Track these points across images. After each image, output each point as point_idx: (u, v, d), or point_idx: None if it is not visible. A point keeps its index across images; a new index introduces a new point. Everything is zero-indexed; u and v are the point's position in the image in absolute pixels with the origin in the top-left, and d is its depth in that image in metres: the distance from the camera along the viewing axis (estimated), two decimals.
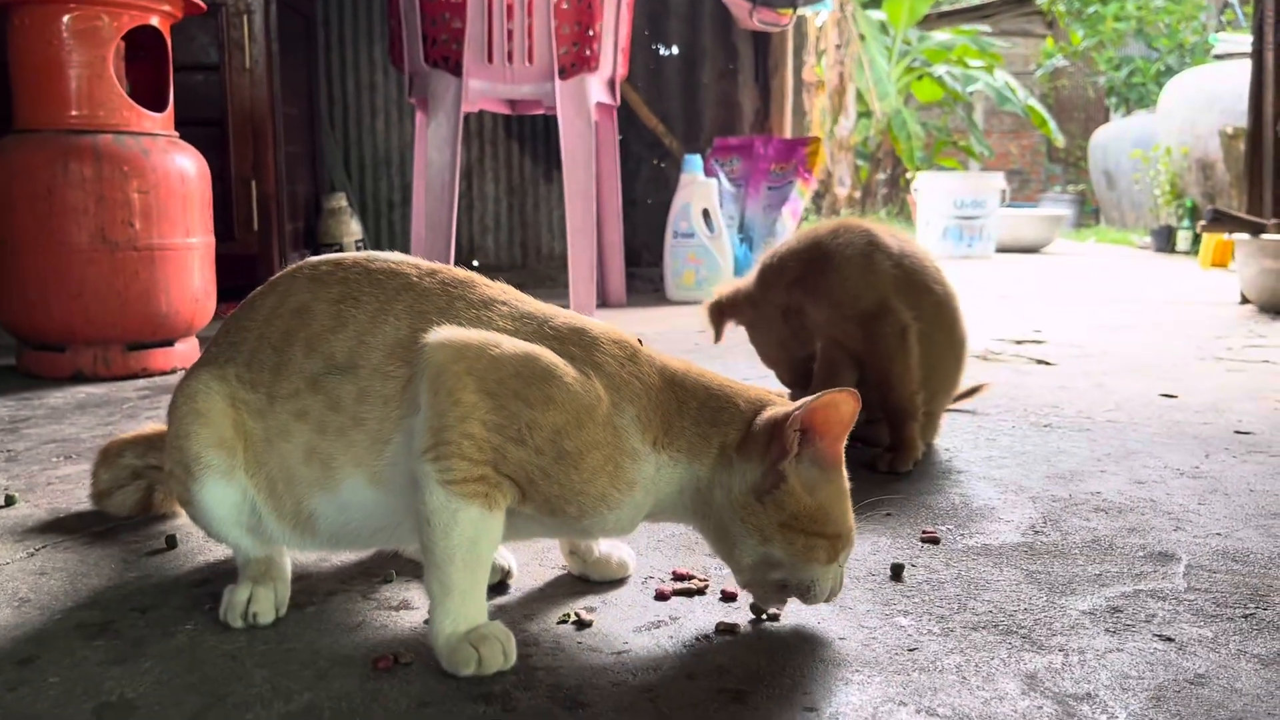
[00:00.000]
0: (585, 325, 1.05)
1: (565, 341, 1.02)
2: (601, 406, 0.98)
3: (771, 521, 1.00)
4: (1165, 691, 0.95)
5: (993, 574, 1.25)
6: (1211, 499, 1.54)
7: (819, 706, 0.92)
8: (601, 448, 0.97)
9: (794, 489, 0.99)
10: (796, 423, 0.98)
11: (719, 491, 1.01)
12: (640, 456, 0.99)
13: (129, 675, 0.96)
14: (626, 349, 1.04)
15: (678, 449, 1.02)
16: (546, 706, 0.91)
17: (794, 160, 4.42)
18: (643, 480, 1.00)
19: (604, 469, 0.98)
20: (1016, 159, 15.75)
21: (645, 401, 1.01)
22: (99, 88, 2.30)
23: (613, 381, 1.00)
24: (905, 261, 1.73)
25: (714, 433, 1.02)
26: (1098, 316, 3.89)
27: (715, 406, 1.03)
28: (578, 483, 0.97)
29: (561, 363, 0.99)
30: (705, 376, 1.06)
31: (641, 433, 1.00)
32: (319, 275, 1.10)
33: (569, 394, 0.97)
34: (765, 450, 1.00)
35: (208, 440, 1.06)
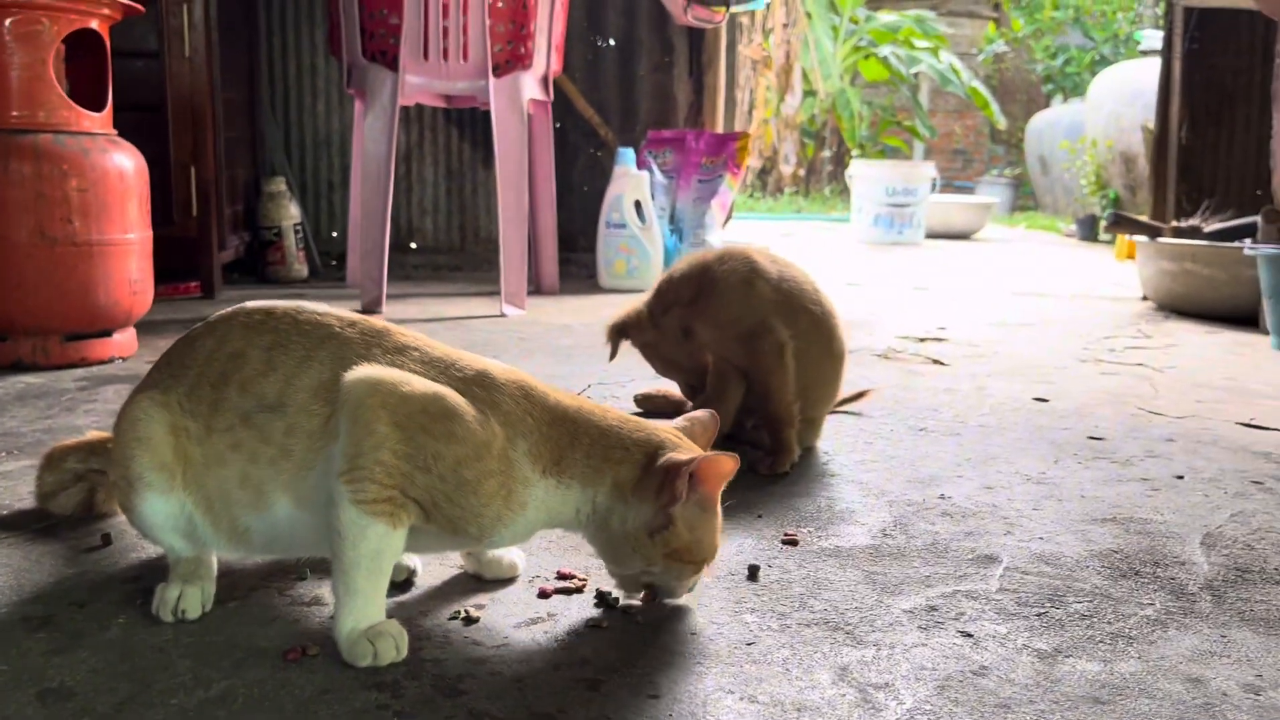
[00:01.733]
0: (487, 368, 1.21)
1: (469, 384, 1.18)
2: (497, 441, 1.15)
3: (657, 552, 1.20)
4: (951, 681, 1.14)
5: (837, 575, 1.43)
6: (1046, 504, 1.75)
7: (661, 694, 1.09)
8: (496, 476, 1.14)
9: (679, 530, 1.19)
10: (686, 476, 1.17)
11: (615, 520, 1.20)
12: (531, 482, 1.17)
13: (68, 664, 1.11)
14: (523, 390, 1.20)
15: (570, 476, 1.19)
16: (429, 694, 1.08)
17: (724, 154, 4.58)
18: (534, 502, 1.18)
19: (499, 494, 1.15)
20: (960, 139, 16.03)
21: (537, 436, 1.18)
22: (39, 89, 2.39)
23: (508, 419, 1.17)
24: (783, 285, 1.92)
25: (606, 467, 1.20)
26: (1002, 312, 4.11)
27: (606, 444, 1.20)
28: (476, 506, 1.14)
29: (464, 402, 1.15)
30: (595, 414, 1.23)
31: (532, 463, 1.17)
32: (253, 323, 1.24)
33: (469, 430, 1.13)
34: (657, 494, 1.18)
35: (149, 463, 1.21)
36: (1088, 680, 1.15)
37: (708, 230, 4.51)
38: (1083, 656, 1.21)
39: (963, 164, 15.92)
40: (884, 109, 14.17)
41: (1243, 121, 4.84)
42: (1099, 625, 1.29)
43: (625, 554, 1.20)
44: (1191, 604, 1.36)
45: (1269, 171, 3.77)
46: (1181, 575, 1.46)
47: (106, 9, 2.51)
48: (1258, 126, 4.69)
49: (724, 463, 1.18)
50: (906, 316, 3.91)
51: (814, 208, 12.46)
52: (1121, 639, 1.26)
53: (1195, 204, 4.71)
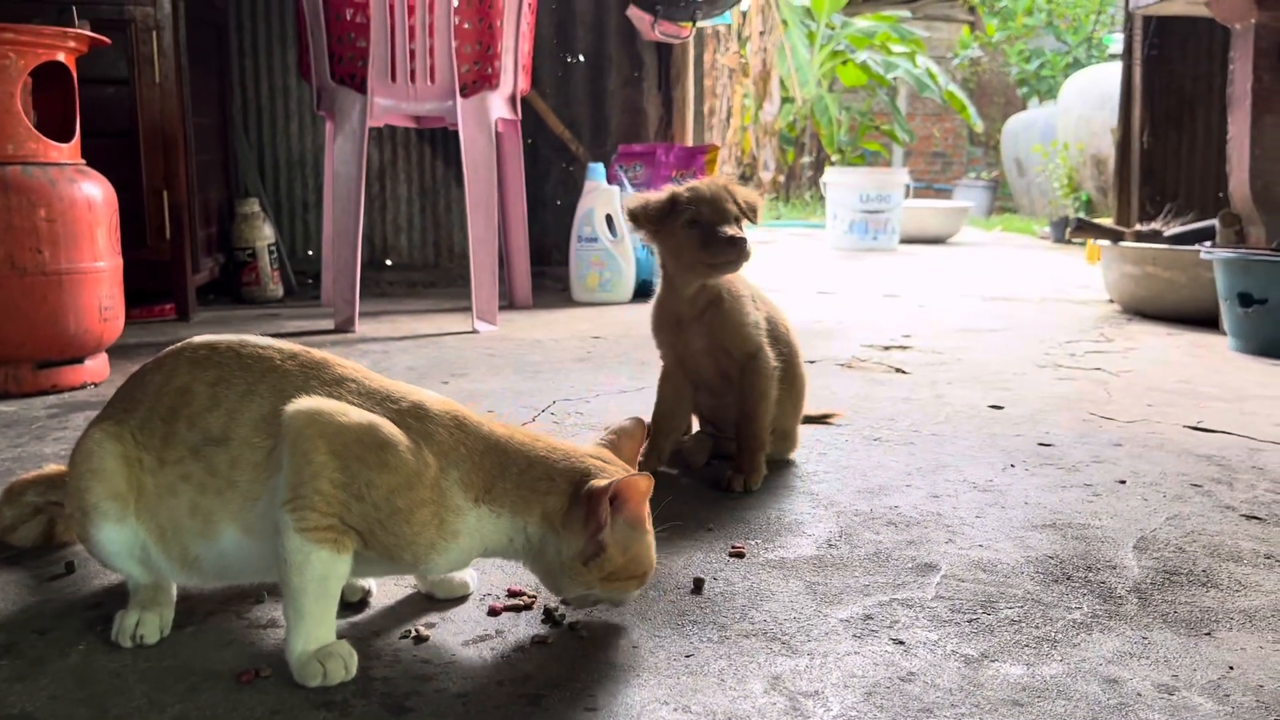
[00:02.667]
0: (423, 400, 1.26)
1: (404, 414, 1.23)
2: (429, 471, 1.19)
3: (595, 577, 1.25)
4: (878, 688, 1.19)
5: (779, 586, 1.48)
6: (990, 512, 1.80)
7: (599, 707, 1.14)
8: (429, 505, 1.19)
9: (612, 554, 1.24)
10: (606, 502, 1.21)
11: (550, 552, 1.25)
12: (463, 511, 1.21)
13: (29, 691, 1.15)
14: (456, 421, 1.25)
15: (500, 504, 1.24)
16: (377, 712, 1.12)
17: (694, 167, 4.64)
18: (466, 530, 1.22)
19: (431, 523, 1.19)
20: (940, 142, 16.14)
21: (469, 465, 1.22)
22: (7, 122, 2.43)
23: (441, 449, 1.21)
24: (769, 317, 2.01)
25: (534, 498, 1.24)
26: (969, 318, 4.18)
27: (534, 475, 1.25)
28: (409, 534, 1.18)
29: (398, 433, 1.20)
30: (524, 444, 1.28)
31: (464, 491, 1.21)
32: (198, 359, 1.29)
33: (401, 460, 1.18)
34: (585, 523, 1.23)
35: (102, 493, 1.25)
36: (1010, 684, 1.20)
37: None
38: (1008, 660, 1.26)
39: (942, 166, 16.05)
40: (862, 114, 14.26)
41: (1203, 125, 4.92)
42: (1026, 630, 1.35)
43: (565, 582, 1.25)
44: (1118, 607, 1.42)
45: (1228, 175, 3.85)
46: (1111, 579, 1.51)
47: (73, 42, 2.56)
48: (1218, 131, 4.78)
49: (640, 483, 1.22)
50: (874, 325, 3.97)
51: (794, 214, 12.55)
52: (1046, 642, 1.31)
53: (1158, 207, 4.79)
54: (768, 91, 13.70)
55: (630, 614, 1.37)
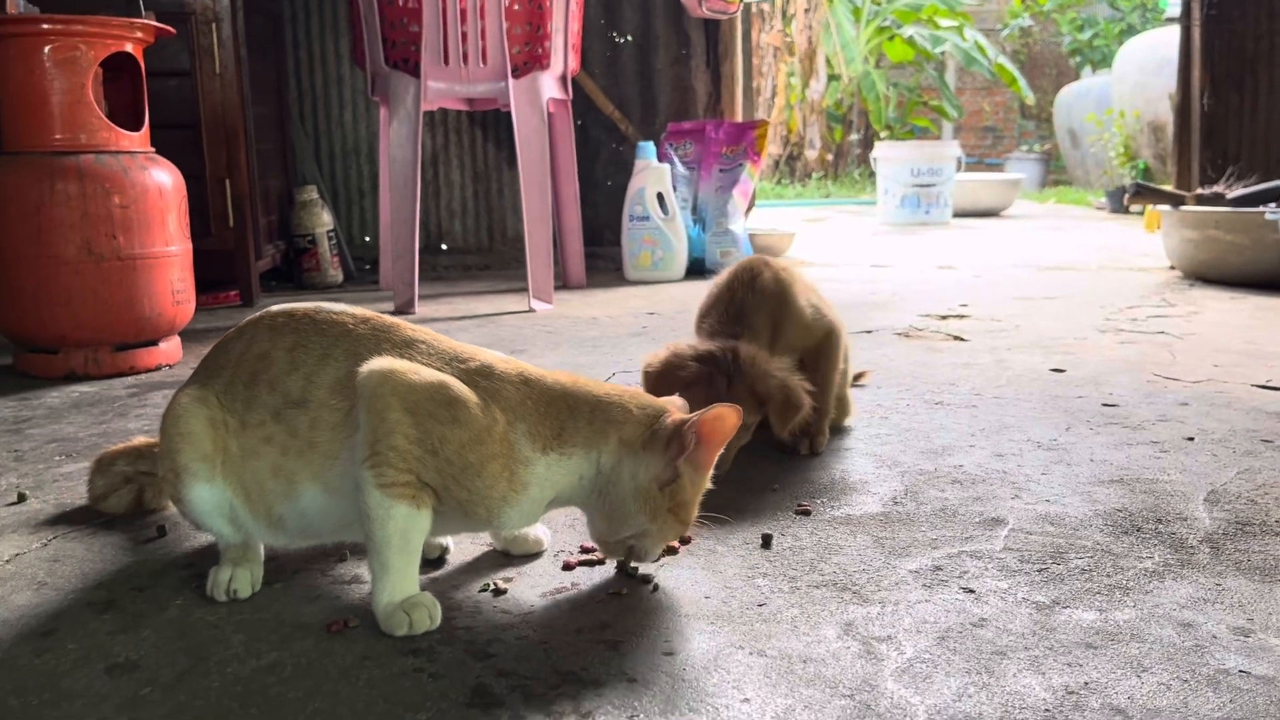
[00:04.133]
0: (489, 360, 1.30)
1: (471, 374, 1.27)
2: (498, 426, 1.23)
3: (663, 506, 1.28)
4: (950, 632, 1.21)
5: (846, 540, 1.50)
6: (1055, 469, 1.80)
7: (676, 650, 1.17)
8: (499, 458, 1.22)
9: (684, 483, 1.28)
10: (694, 427, 1.25)
11: (625, 475, 1.28)
12: (532, 462, 1.25)
13: (132, 642, 1.21)
14: (522, 377, 1.29)
15: (572, 445, 1.27)
16: (461, 657, 1.16)
17: (744, 143, 4.64)
18: (536, 480, 1.26)
19: (502, 475, 1.23)
20: (990, 116, 15.91)
21: (536, 417, 1.26)
22: (80, 112, 2.51)
23: (508, 404, 1.25)
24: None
25: (610, 428, 1.28)
26: (1026, 287, 4.14)
27: (608, 409, 1.29)
28: (481, 488, 1.22)
29: (467, 391, 1.24)
30: (593, 387, 1.32)
31: (532, 443, 1.25)
32: (276, 326, 1.34)
33: (471, 416, 1.22)
34: (666, 448, 1.26)
35: (192, 455, 1.30)
36: (1083, 628, 1.21)
37: (730, 219, 4.57)
38: (1079, 606, 1.27)
39: (993, 141, 15.82)
40: (910, 90, 14.09)
41: (1266, 85, 4.82)
42: (1097, 578, 1.35)
43: (632, 510, 1.28)
44: (1190, 556, 1.42)
45: None
46: (1182, 530, 1.51)
47: (140, 32, 2.63)
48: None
49: (729, 416, 1.26)
50: (930, 295, 3.95)
51: (842, 192, 12.45)
52: (1118, 590, 1.32)
53: (1220, 171, 4.70)
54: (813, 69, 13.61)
55: (699, 569, 1.40)
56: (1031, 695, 1.07)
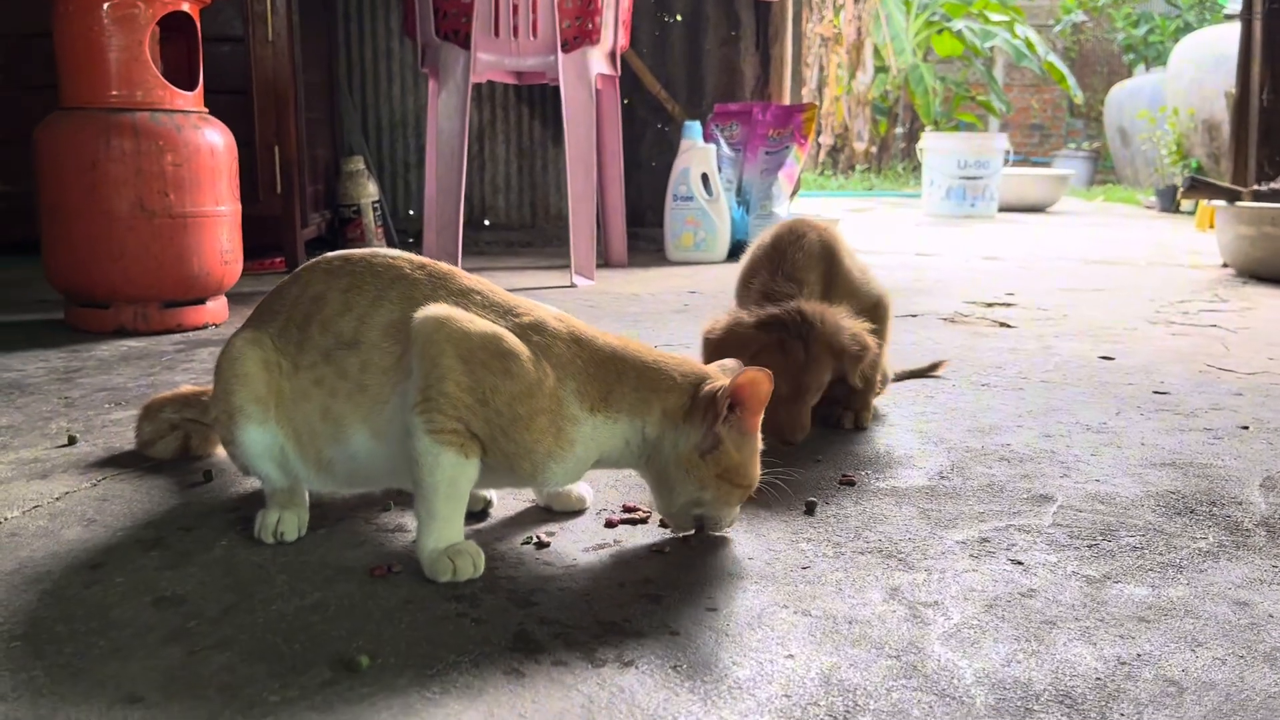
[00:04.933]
0: (543, 317, 1.29)
1: (525, 328, 1.26)
2: (548, 381, 1.22)
3: (709, 473, 1.27)
4: (999, 600, 1.19)
5: (892, 511, 1.49)
6: (1105, 451, 1.77)
7: (719, 607, 1.17)
8: (547, 413, 1.22)
9: (727, 449, 1.26)
10: (727, 394, 1.24)
11: (667, 446, 1.27)
12: (579, 420, 1.24)
13: (179, 578, 1.22)
14: (573, 335, 1.28)
15: (618, 410, 1.27)
16: (504, 604, 1.16)
17: (791, 126, 4.60)
18: (582, 439, 1.25)
19: (549, 430, 1.22)
20: (1037, 113, 15.68)
21: (585, 377, 1.25)
22: (136, 69, 2.54)
23: (559, 361, 1.25)
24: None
25: (654, 397, 1.27)
26: (1073, 279, 4.08)
27: (653, 377, 1.28)
28: (528, 442, 1.21)
29: (520, 344, 1.23)
30: (642, 352, 1.31)
31: (580, 401, 1.25)
32: (333, 269, 1.34)
33: (523, 369, 1.21)
34: (704, 416, 1.26)
35: (246, 396, 1.31)
36: (1135, 602, 1.19)
37: (775, 202, 4.54)
38: (1131, 582, 1.24)
39: (1040, 139, 15.59)
40: (957, 84, 13.91)
41: None
42: (1149, 556, 1.33)
43: (679, 479, 1.27)
44: (1245, 538, 1.39)
45: None
46: (1238, 514, 1.48)
47: None
48: None
49: (760, 380, 1.24)
50: (975, 284, 3.91)
51: (886, 185, 12.34)
52: (1171, 568, 1.29)
53: (1277, 168, 4.61)
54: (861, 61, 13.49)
55: (742, 532, 1.39)
56: (1083, 664, 1.05)
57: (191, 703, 0.95)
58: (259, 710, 0.94)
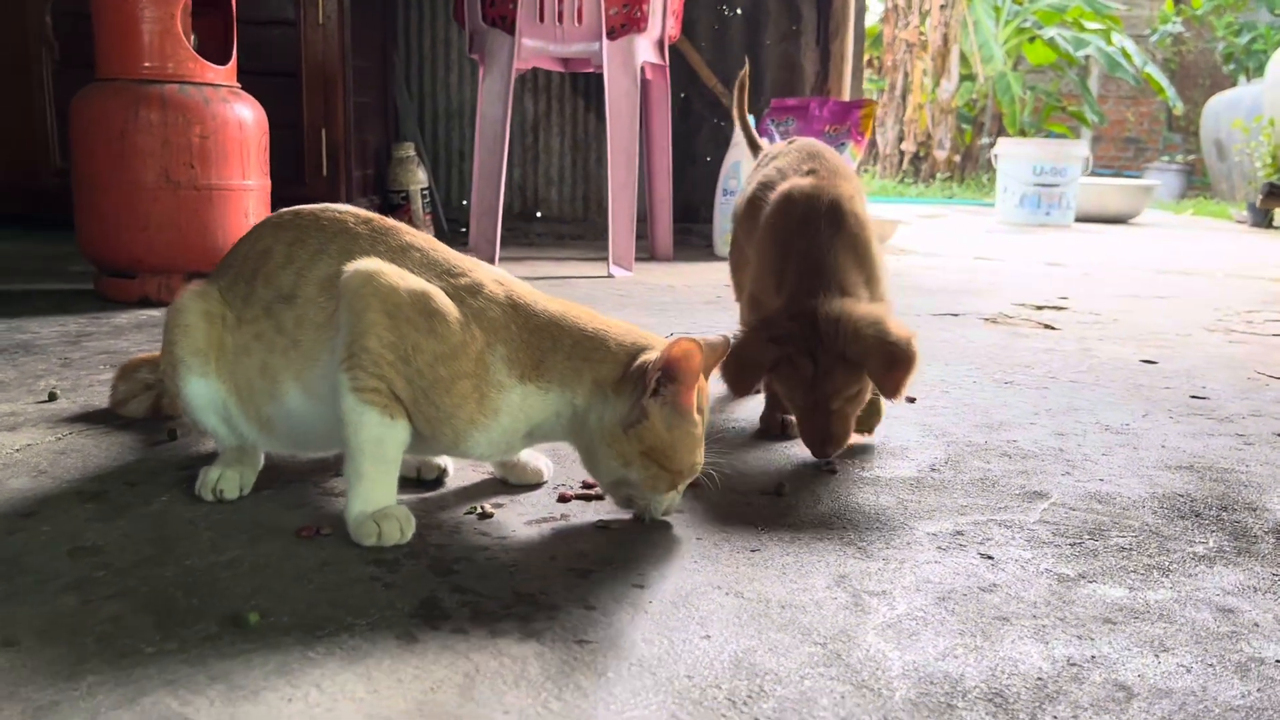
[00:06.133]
0: (481, 280, 1.23)
1: (459, 289, 1.21)
2: (475, 344, 1.17)
3: (633, 450, 1.18)
4: (954, 593, 1.10)
5: (868, 500, 1.40)
6: (1119, 451, 1.65)
7: (648, 584, 1.10)
8: (470, 378, 1.16)
9: (654, 425, 1.18)
10: (657, 366, 1.16)
11: (593, 418, 1.20)
12: (506, 388, 1.18)
13: (106, 530, 1.19)
14: (510, 298, 1.22)
15: (549, 379, 1.20)
16: (422, 571, 1.11)
17: (848, 122, 4.48)
18: (508, 408, 1.19)
19: (471, 396, 1.17)
20: (1133, 126, 15.17)
21: (518, 343, 1.19)
22: (168, 42, 2.56)
23: (491, 326, 1.19)
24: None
25: (585, 367, 1.20)
26: (1137, 286, 3.89)
27: (588, 345, 1.21)
28: (449, 406, 1.16)
29: (449, 304, 1.18)
30: (582, 319, 1.23)
31: (509, 368, 1.18)
32: (282, 222, 1.31)
33: (449, 330, 1.16)
34: (634, 388, 1.18)
35: (187, 348, 1.28)
36: (1105, 604, 1.09)
37: None
38: (1107, 583, 1.14)
39: (1135, 153, 15.07)
40: (1048, 94, 13.53)
41: None
42: (1137, 557, 1.22)
43: (603, 453, 1.19)
44: (1250, 545, 1.27)
45: None
46: (1249, 520, 1.36)
47: None
48: None
49: (693, 352, 1.14)
50: (1029, 287, 3.75)
51: (967, 194, 12.04)
52: (1157, 570, 1.18)
53: None
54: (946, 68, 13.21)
55: (702, 512, 1.32)
56: (1026, 662, 0.96)
57: (64, 649, 0.92)
58: (130, 660, 0.90)
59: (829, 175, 1.73)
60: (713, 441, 1.65)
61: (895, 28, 13.58)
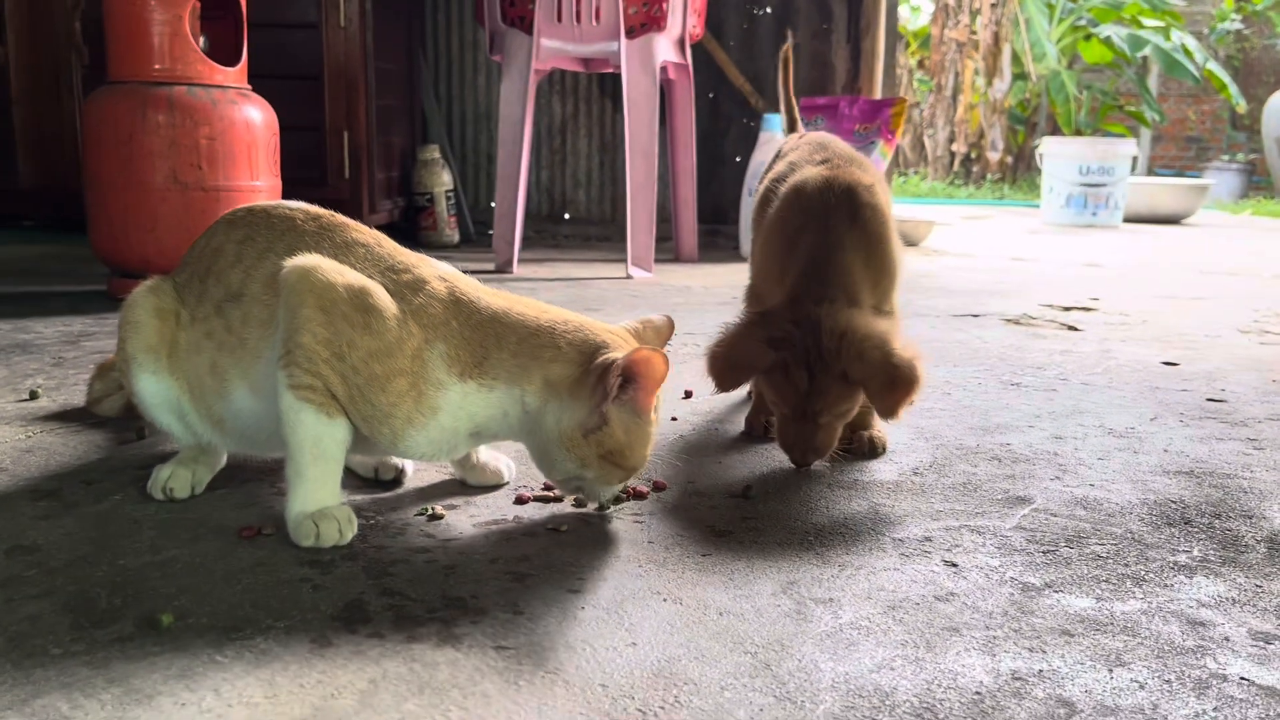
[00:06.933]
0: (424, 276, 1.20)
1: (401, 285, 1.18)
2: (412, 341, 1.14)
3: (592, 453, 1.15)
4: (906, 602, 1.05)
5: (839, 504, 1.34)
6: (1117, 455, 1.58)
7: (584, 589, 1.06)
8: (406, 375, 1.13)
9: (613, 430, 1.14)
10: (619, 371, 1.12)
11: (549, 420, 1.16)
12: (445, 385, 1.15)
13: (49, 528, 1.18)
14: (453, 295, 1.18)
15: (494, 377, 1.16)
16: (355, 573, 1.08)
17: (879, 121, 4.40)
18: (447, 406, 1.15)
19: (408, 394, 1.14)
20: (1195, 125, 14.79)
21: (459, 340, 1.16)
22: (176, 44, 2.57)
23: (431, 322, 1.15)
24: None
25: (534, 365, 1.16)
26: (1175, 287, 3.77)
27: (536, 343, 1.17)
28: (385, 404, 1.13)
29: (388, 301, 1.15)
30: (527, 315, 1.19)
31: (449, 366, 1.15)
32: (235, 220, 1.29)
33: (384, 326, 1.13)
34: (593, 392, 1.14)
35: (138, 345, 1.27)
36: (1067, 615, 1.03)
37: None
38: (1075, 593, 1.08)
39: (1196, 152, 14.69)
40: (1105, 93, 13.22)
41: None
42: (1112, 566, 1.15)
43: (559, 455, 1.16)
44: (1238, 555, 1.20)
45: None
46: (1242, 528, 1.28)
47: None
48: None
49: (656, 361, 1.12)
50: (1060, 288, 3.64)
51: (1017, 195, 11.82)
52: (1131, 580, 1.12)
53: None
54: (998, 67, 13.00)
55: (663, 514, 1.28)
56: (966, 676, 0.90)
57: None
58: (34, 660, 0.89)
59: (844, 163, 1.62)
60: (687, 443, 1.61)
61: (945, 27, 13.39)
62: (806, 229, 1.51)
